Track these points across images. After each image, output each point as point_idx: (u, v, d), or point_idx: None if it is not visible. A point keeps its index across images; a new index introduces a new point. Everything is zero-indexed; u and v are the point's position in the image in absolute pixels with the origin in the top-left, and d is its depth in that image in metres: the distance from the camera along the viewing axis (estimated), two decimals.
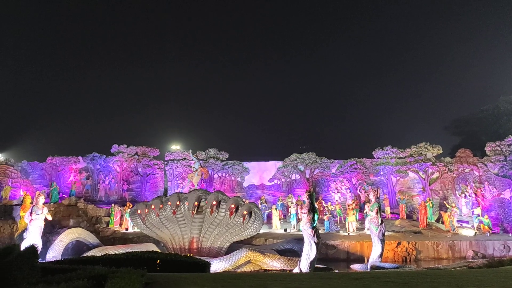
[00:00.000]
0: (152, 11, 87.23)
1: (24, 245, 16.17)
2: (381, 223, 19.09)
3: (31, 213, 22.30)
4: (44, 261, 17.61)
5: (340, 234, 27.83)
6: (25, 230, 24.36)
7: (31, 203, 24.83)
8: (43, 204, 23.22)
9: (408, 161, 36.56)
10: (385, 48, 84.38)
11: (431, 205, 31.33)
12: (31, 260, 6.54)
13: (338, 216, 31.35)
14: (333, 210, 31.37)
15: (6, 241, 28.11)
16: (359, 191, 36.07)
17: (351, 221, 28.70)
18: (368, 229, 24.02)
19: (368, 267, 18.94)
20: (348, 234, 27.67)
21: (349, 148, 63.77)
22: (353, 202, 32.55)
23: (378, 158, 38.09)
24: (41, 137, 53.88)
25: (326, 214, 30.27)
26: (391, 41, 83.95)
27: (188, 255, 16.79)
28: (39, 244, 18.88)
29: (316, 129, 74.33)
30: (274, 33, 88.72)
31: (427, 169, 35.80)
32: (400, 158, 37.25)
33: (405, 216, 31.97)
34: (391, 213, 33.18)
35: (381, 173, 37.95)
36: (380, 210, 19.45)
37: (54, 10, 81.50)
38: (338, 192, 36.74)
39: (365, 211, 26.60)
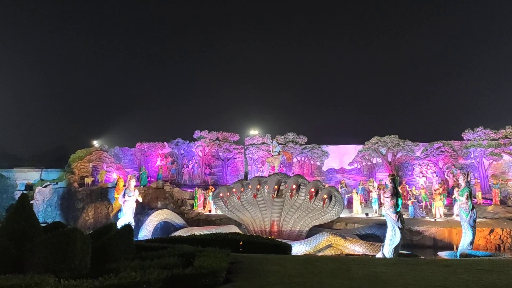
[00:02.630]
0: None
1: (119, 225, 17.57)
2: (472, 209, 18.03)
3: (124, 195, 24.16)
4: (137, 239, 18.94)
5: (426, 220, 26.64)
6: (119, 210, 26.46)
7: (124, 185, 26.81)
8: (134, 187, 25.03)
9: (502, 142, 34.10)
10: (477, 23, 77.88)
11: None
12: (127, 237, 7.08)
13: (424, 201, 30.07)
14: (417, 195, 30.12)
15: (102, 221, 30.74)
16: (447, 175, 34.31)
17: (438, 206, 27.37)
18: (457, 215, 22.83)
19: (458, 255, 18.01)
20: (435, 220, 26.41)
21: (435, 130, 60.74)
22: (440, 187, 30.95)
23: (468, 140, 35.84)
24: (130, 124, 57.59)
25: (410, 199, 29.16)
26: (484, 17, 77.24)
27: (270, 237, 17.11)
28: (132, 224, 20.31)
29: (398, 111, 71.19)
30: (355, 17, 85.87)
31: None
32: (493, 139, 34.84)
33: (498, 202, 29.84)
34: (483, 198, 31.21)
35: (472, 156, 35.61)
36: (471, 195, 18.36)
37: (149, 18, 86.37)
38: (423, 176, 35.18)
39: (453, 196, 25.28)
